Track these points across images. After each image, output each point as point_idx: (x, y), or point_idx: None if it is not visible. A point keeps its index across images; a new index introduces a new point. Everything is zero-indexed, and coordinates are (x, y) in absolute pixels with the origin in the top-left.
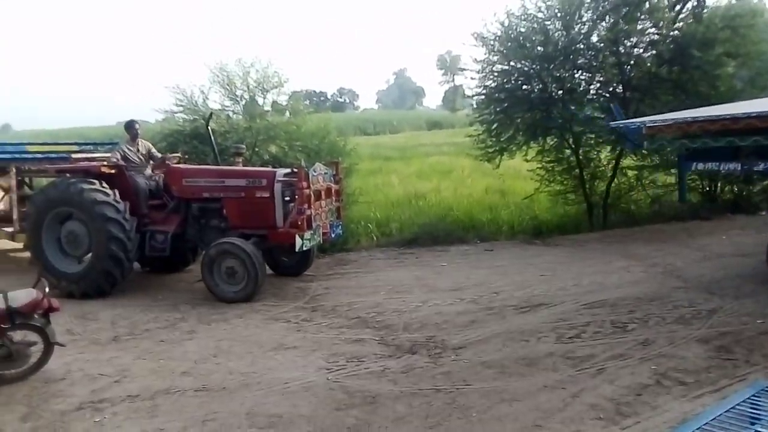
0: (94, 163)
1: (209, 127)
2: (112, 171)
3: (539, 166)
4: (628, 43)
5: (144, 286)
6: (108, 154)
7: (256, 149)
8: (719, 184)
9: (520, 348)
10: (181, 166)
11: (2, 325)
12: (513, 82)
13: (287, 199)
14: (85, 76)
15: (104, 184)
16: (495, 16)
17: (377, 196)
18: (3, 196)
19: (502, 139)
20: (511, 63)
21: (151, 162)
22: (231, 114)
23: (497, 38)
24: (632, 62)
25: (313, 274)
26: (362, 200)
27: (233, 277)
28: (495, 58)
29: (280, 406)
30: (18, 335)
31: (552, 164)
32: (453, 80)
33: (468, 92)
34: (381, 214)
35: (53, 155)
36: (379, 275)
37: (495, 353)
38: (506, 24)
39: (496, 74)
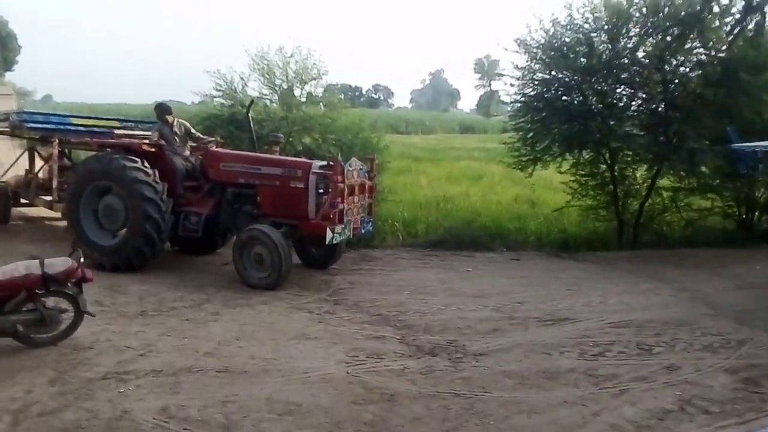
0: (136, 141)
1: (249, 114)
2: (152, 149)
3: (572, 179)
4: (675, 62)
5: (173, 265)
6: (148, 132)
7: (291, 139)
8: (756, 213)
9: (541, 360)
10: (220, 150)
11: (37, 291)
12: (553, 91)
13: (321, 191)
14: (124, 54)
15: (146, 163)
16: (540, 23)
17: (405, 196)
18: (43, 165)
19: (537, 149)
20: (553, 72)
21: (190, 142)
22: (268, 102)
23: (540, 46)
24: (677, 81)
25: (338, 268)
26: (391, 199)
27: (261, 264)
28: (536, 66)
29: (299, 395)
30: (51, 301)
31: (586, 178)
32: (489, 85)
33: (505, 98)
34: (408, 214)
35: (96, 129)
36: (404, 275)
37: (516, 363)
38: (551, 32)
39: (536, 82)
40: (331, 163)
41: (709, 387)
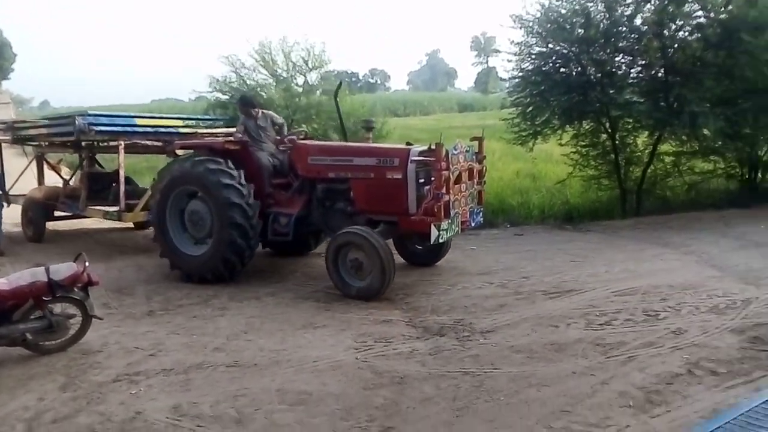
0: (218, 139)
1: (337, 99)
2: (236, 147)
3: (573, 150)
4: (673, 26)
5: None
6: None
7: (294, 127)
8: (759, 172)
9: (549, 333)
10: (307, 142)
11: (44, 298)
12: (551, 64)
13: (422, 181)
14: (117, 57)
15: (230, 164)
16: None
17: None
18: (74, 173)
19: (536, 123)
20: (550, 45)
21: (276, 134)
22: (270, 91)
23: (536, 20)
24: (676, 46)
25: None
26: None
27: (359, 271)
28: (533, 40)
29: (310, 384)
30: (58, 308)
31: (587, 149)
32: (487, 62)
33: (503, 74)
34: None
35: (161, 130)
36: None
37: (523, 338)
38: (546, 5)
39: (533, 56)
40: (433, 147)
41: (716, 348)
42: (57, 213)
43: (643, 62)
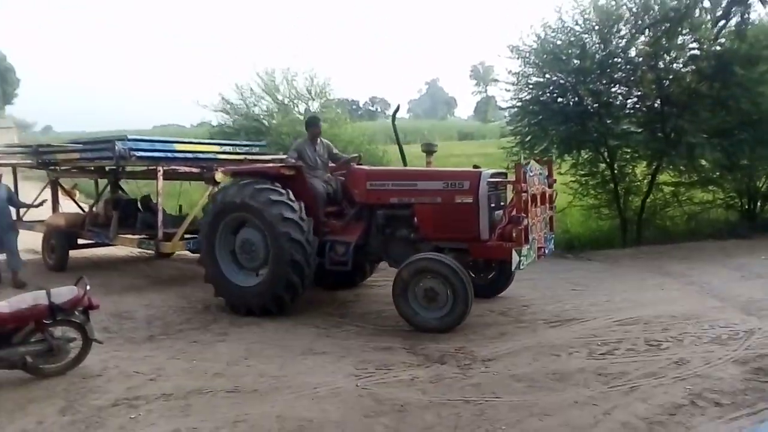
0: (271, 165)
1: (395, 123)
2: (291, 173)
3: (573, 179)
4: (668, 58)
5: (178, 287)
6: (282, 156)
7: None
8: (759, 203)
9: (550, 362)
10: (366, 167)
11: (44, 321)
12: (548, 94)
13: (492, 205)
14: (115, 82)
15: (291, 196)
16: (531, 28)
17: None
18: (96, 200)
19: (535, 151)
20: (547, 75)
21: (331, 163)
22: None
23: (533, 51)
24: (671, 77)
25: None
26: None
27: (434, 301)
28: (530, 70)
29: (310, 411)
30: (58, 331)
31: (586, 178)
32: (485, 91)
33: (502, 104)
34: None
35: (201, 156)
36: None
37: (525, 366)
38: (542, 36)
39: (531, 86)
40: (502, 170)
41: (720, 379)
42: (80, 241)
43: (639, 93)
